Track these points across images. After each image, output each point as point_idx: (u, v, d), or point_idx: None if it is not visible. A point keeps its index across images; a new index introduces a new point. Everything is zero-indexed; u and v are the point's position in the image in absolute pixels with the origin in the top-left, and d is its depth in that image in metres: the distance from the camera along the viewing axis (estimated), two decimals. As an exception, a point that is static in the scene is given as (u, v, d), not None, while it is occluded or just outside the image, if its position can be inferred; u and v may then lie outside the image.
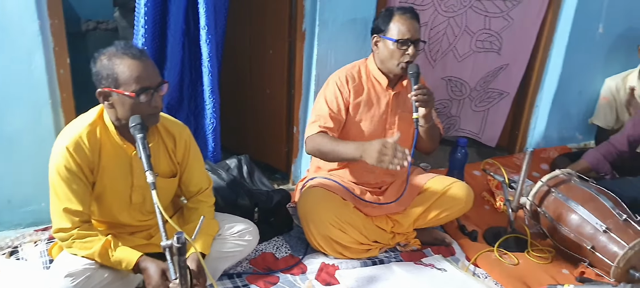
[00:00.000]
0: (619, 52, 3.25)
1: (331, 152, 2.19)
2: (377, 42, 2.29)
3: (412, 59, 2.22)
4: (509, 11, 3.07)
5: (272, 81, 2.92)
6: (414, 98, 2.17)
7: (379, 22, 2.27)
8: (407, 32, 2.20)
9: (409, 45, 2.20)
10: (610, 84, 3.16)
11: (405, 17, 2.21)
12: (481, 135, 3.48)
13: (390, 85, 2.34)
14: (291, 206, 2.57)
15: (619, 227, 2.17)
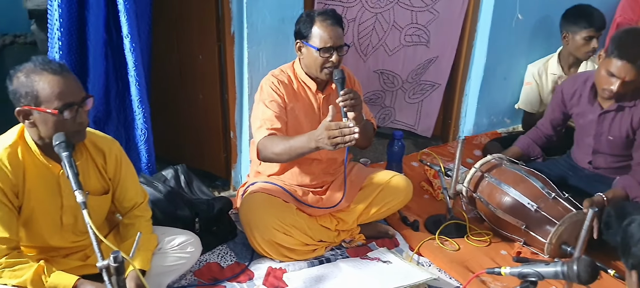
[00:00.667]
0: (538, 38, 3.42)
1: (285, 151, 2.12)
2: (300, 47, 2.27)
3: (336, 65, 2.21)
4: (434, 5, 3.16)
5: (204, 86, 2.86)
6: (341, 104, 2.15)
7: (300, 27, 2.24)
8: (329, 40, 2.18)
9: (332, 52, 2.20)
10: (533, 69, 3.32)
11: (327, 24, 2.18)
12: (417, 127, 3.57)
13: (319, 88, 2.34)
14: (233, 213, 2.53)
15: (549, 205, 2.28)
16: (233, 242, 2.42)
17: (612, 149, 2.51)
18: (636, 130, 2.40)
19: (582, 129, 2.60)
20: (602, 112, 2.46)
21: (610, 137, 2.47)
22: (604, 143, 2.51)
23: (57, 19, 2.09)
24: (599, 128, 2.49)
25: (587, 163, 2.63)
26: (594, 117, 2.49)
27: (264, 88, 2.29)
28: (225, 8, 2.57)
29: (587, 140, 2.57)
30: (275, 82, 2.28)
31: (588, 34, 2.98)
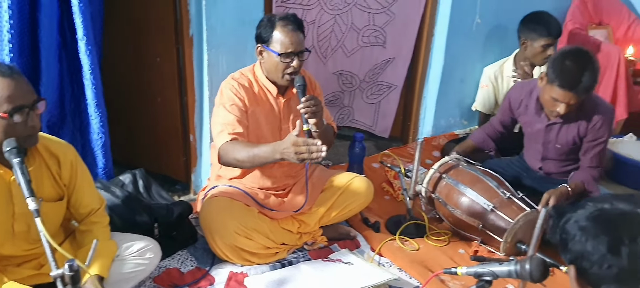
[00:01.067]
0: (493, 41, 3.52)
1: (249, 159, 2.10)
2: (261, 52, 2.26)
3: (296, 70, 2.22)
4: (390, 7, 3.21)
5: (162, 89, 2.81)
6: (302, 110, 2.15)
7: (261, 31, 2.23)
8: (290, 45, 2.18)
9: (293, 57, 2.20)
10: (489, 72, 3.41)
11: (288, 29, 2.18)
12: (375, 127, 3.62)
13: (279, 92, 2.33)
14: (194, 217, 2.49)
15: (504, 204, 2.35)
16: (193, 247, 2.39)
17: (560, 155, 2.61)
18: (583, 138, 2.50)
19: (530, 136, 2.69)
20: (549, 123, 2.53)
21: (558, 145, 2.57)
22: (552, 150, 2.61)
23: (7, 20, 2.01)
24: (546, 137, 2.58)
25: (538, 167, 2.72)
26: (541, 126, 2.57)
27: (224, 91, 2.27)
28: (184, 11, 2.54)
29: (536, 146, 2.66)
30: (235, 86, 2.26)
31: (546, 42, 3.07)
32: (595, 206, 1.14)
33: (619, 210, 1.11)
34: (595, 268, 1.09)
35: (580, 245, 1.11)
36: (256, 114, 2.30)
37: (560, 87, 2.29)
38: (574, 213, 1.16)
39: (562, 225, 1.18)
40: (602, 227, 1.10)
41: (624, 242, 1.06)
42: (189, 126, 2.80)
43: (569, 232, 1.15)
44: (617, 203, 1.13)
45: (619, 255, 1.06)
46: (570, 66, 2.27)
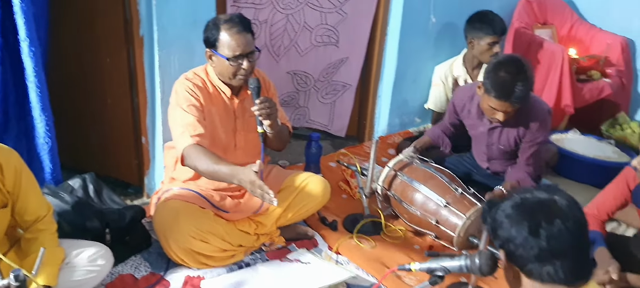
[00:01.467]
0: (445, 40, 3.60)
1: (209, 173, 2.09)
2: (210, 56, 2.23)
3: (247, 72, 2.20)
4: (342, 6, 3.24)
5: (112, 91, 2.74)
6: (256, 112, 2.14)
7: (208, 35, 2.19)
8: (237, 48, 2.15)
9: (243, 59, 2.18)
10: (440, 71, 3.49)
11: (234, 32, 2.14)
12: (331, 127, 3.64)
13: (234, 93, 2.32)
14: (147, 221, 2.44)
15: (457, 200, 2.41)
16: (147, 252, 2.34)
17: (504, 155, 2.71)
18: (522, 138, 2.60)
19: (475, 138, 2.79)
20: (491, 127, 2.62)
21: (501, 146, 2.66)
22: (495, 151, 2.71)
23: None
24: (489, 139, 2.67)
25: (485, 166, 2.81)
26: (484, 130, 2.67)
27: (179, 91, 2.23)
28: (133, 10, 2.48)
29: (481, 147, 2.76)
30: (190, 86, 2.23)
31: (492, 40, 3.18)
32: (519, 196, 1.31)
33: (537, 199, 1.29)
34: (520, 250, 1.25)
35: (507, 231, 1.27)
36: (212, 114, 2.28)
37: (496, 98, 2.38)
38: (501, 204, 1.33)
39: (493, 214, 1.34)
40: (524, 213, 1.26)
41: (542, 225, 1.23)
42: (141, 128, 2.74)
43: (497, 220, 1.31)
44: (537, 193, 1.30)
45: (538, 237, 1.23)
46: (504, 77, 2.35)
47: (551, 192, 1.30)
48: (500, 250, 1.31)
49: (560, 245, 1.23)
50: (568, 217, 1.24)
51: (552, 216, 1.24)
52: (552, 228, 1.23)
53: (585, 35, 4.05)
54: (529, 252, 1.24)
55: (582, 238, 1.27)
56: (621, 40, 3.86)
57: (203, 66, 2.34)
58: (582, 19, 4.14)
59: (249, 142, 2.40)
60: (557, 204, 1.26)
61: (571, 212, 1.26)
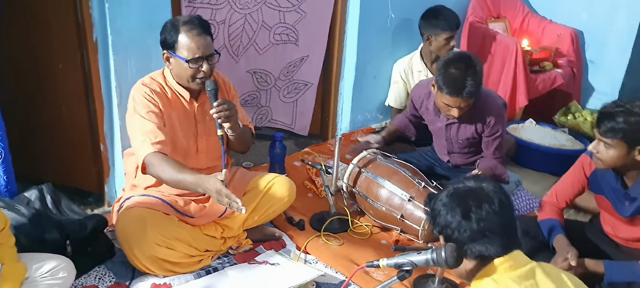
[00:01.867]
0: (402, 36, 3.64)
1: (173, 182, 2.07)
2: (168, 58, 2.19)
3: (207, 74, 2.17)
4: (300, 5, 3.24)
5: (67, 97, 2.66)
6: (215, 115, 2.12)
7: (165, 37, 2.15)
8: (197, 50, 2.11)
9: (202, 62, 2.15)
10: (399, 68, 3.54)
11: (194, 34, 2.11)
12: (294, 126, 3.63)
13: (193, 97, 2.28)
14: (110, 230, 2.38)
15: (420, 194, 2.45)
16: (111, 262, 2.29)
17: (463, 149, 2.78)
18: (481, 133, 2.67)
19: (435, 133, 2.85)
20: (448, 123, 2.69)
21: (459, 140, 2.73)
22: (455, 145, 2.78)
23: None
24: (448, 134, 2.74)
25: (446, 160, 2.88)
26: (441, 125, 2.73)
27: (136, 98, 2.18)
28: (86, 14, 2.41)
29: (441, 141, 2.82)
30: (148, 92, 2.18)
31: (448, 35, 3.25)
32: (452, 187, 1.50)
33: (467, 187, 1.48)
34: (456, 234, 1.44)
35: (443, 218, 1.46)
36: (172, 119, 2.24)
37: (448, 94, 2.44)
38: (438, 196, 1.50)
39: (432, 205, 1.51)
40: (457, 201, 1.45)
41: (472, 210, 1.41)
42: (99, 135, 2.67)
43: (436, 209, 1.49)
44: (467, 182, 1.49)
45: (470, 220, 1.42)
46: (455, 74, 2.41)
47: (479, 181, 1.49)
48: (440, 236, 1.50)
49: (489, 225, 1.40)
50: (494, 201, 1.42)
51: (481, 201, 1.42)
52: (480, 212, 1.41)
53: (536, 28, 4.18)
54: (464, 234, 1.42)
55: (508, 217, 1.45)
56: (571, 32, 4.01)
57: (160, 70, 2.29)
58: (533, 12, 4.27)
59: (211, 146, 2.37)
60: (484, 190, 1.45)
61: (497, 196, 1.44)
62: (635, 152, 1.94)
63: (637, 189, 2.01)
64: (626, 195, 2.06)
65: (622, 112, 1.92)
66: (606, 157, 1.98)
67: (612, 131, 1.93)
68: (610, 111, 1.95)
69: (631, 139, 1.92)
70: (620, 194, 2.08)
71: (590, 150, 2.05)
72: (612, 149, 1.96)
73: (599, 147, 2.00)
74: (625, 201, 2.08)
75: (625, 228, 2.15)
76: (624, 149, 1.94)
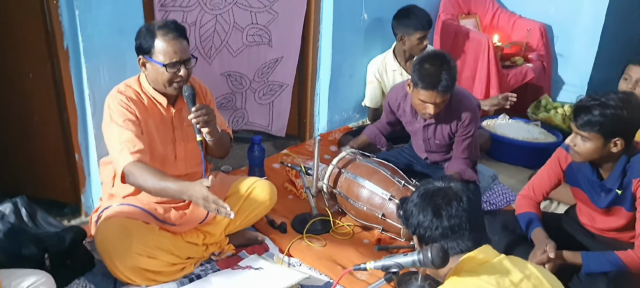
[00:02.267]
0: (376, 35, 3.67)
1: (155, 191, 2.05)
2: (144, 63, 2.16)
3: (185, 79, 2.15)
4: (272, 5, 3.22)
5: (39, 107, 2.60)
6: (193, 121, 2.11)
7: (141, 42, 2.12)
8: (174, 54, 2.09)
9: (180, 66, 2.13)
10: (373, 68, 3.56)
11: (170, 38, 2.09)
12: (270, 128, 3.62)
13: (170, 103, 2.26)
14: (89, 241, 2.34)
15: (400, 192, 2.47)
16: (91, 273, 2.25)
17: (441, 148, 2.82)
18: (455, 133, 2.71)
19: (412, 133, 2.88)
20: (426, 124, 2.72)
21: (437, 141, 2.77)
22: (432, 145, 2.81)
23: None
24: (425, 135, 2.77)
25: (424, 158, 2.91)
26: (419, 126, 2.76)
27: (112, 106, 2.14)
28: (55, 22, 2.36)
29: (419, 142, 2.85)
30: (124, 100, 2.14)
31: (421, 35, 3.29)
32: (422, 188, 1.56)
33: (436, 187, 1.55)
34: (429, 232, 1.50)
35: (416, 218, 1.52)
36: (149, 127, 2.21)
37: (423, 89, 2.47)
38: (410, 198, 1.57)
39: (404, 207, 1.58)
40: (427, 200, 1.51)
41: (442, 207, 1.49)
42: (73, 144, 2.61)
43: (408, 210, 1.55)
44: (436, 183, 1.56)
45: (441, 218, 1.48)
46: (429, 69, 2.45)
47: (446, 181, 1.57)
48: (413, 236, 1.56)
49: (458, 221, 1.47)
50: (461, 198, 1.49)
51: (450, 199, 1.49)
52: (450, 209, 1.48)
53: (506, 23, 4.26)
54: (435, 232, 1.49)
55: (476, 213, 1.52)
56: (540, 26, 4.10)
57: (135, 77, 2.26)
58: (503, 8, 4.35)
59: (189, 152, 2.34)
60: (452, 189, 1.53)
61: (464, 194, 1.51)
62: (611, 144, 1.98)
63: (613, 180, 2.06)
64: (602, 186, 2.11)
65: (598, 105, 1.95)
66: (583, 150, 2.03)
67: (589, 124, 1.96)
68: (586, 105, 1.99)
69: (607, 131, 1.95)
70: (597, 186, 2.14)
71: (567, 144, 2.09)
72: (589, 142, 2.00)
73: (576, 140, 2.04)
74: (601, 192, 2.13)
75: (601, 219, 2.21)
76: (601, 141, 1.98)
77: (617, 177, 2.04)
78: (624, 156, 2.03)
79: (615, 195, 2.07)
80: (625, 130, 1.97)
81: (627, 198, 2.05)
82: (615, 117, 1.93)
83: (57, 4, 2.33)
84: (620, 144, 1.97)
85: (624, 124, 1.95)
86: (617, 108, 1.93)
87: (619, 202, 2.09)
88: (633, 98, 2.00)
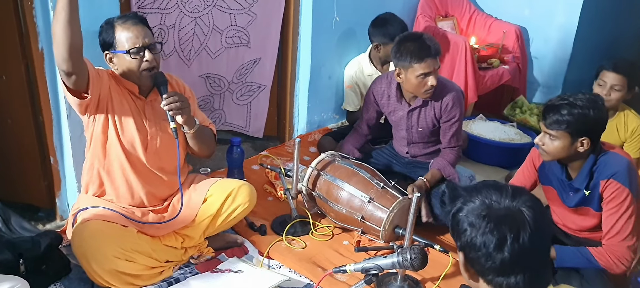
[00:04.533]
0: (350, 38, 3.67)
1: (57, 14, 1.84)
2: (111, 58, 2.15)
3: (152, 64, 2.14)
4: (251, 7, 3.22)
5: (12, 110, 2.55)
6: (166, 107, 2.11)
7: (104, 37, 2.13)
8: (137, 40, 2.09)
9: (143, 51, 2.12)
10: (350, 72, 3.58)
11: (129, 24, 2.10)
12: (248, 128, 3.61)
13: (141, 93, 2.24)
14: (65, 245, 2.30)
15: (379, 194, 2.49)
16: (68, 279, 2.21)
17: (422, 138, 2.84)
18: (439, 120, 2.74)
19: (395, 124, 2.89)
20: (410, 109, 2.75)
21: (420, 128, 2.79)
22: (415, 134, 2.83)
23: None
24: (408, 122, 2.79)
25: (405, 152, 2.93)
26: (403, 113, 2.78)
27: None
28: (30, 23, 2.32)
29: (401, 133, 2.87)
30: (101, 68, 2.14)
31: None
32: (484, 202, 1.24)
33: (504, 208, 1.22)
34: (482, 260, 1.22)
35: (470, 238, 1.22)
36: (123, 107, 2.18)
37: (420, 61, 2.51)
38: (465, 205, 1.25)
39: (455, 213, 1.27)
40: (490, 226, 1.20)
41: (508, 240, 1.18)
42: (48, 147, 2.57)
43: (461, 223, 1.25)
44: (503, 199, 1.23)
45: (502, 251, 1.19)
46: (416, 43, 2.53)
47: (515, 197, 1.23)
48: (459, 252, 1.28)
49: (523, 260, 1.20)
50: (533, 231, 1.19)
51: (519, 230, 1.19)
52: (516, 244, 1.18)
53: (483, 25, 4.32)
54: (492, 264, 1.21)
55: (545, 251, 1.26)
56: (515, 29, 4.17)
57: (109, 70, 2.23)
58: (480, 10, 4.41)
59: (163, 148, 2.31)
60: (523, 215, 1.21)
61: (536, 224, 1.20)
62: (578, 143, 2.04)
63: (580, 180, 2.12)
64: (570, 185, 2.17)
65: (567, 104, 2.02)
66: (551, 149, 2.08)
67: (557, 123, 2.02)
68: (555, 104, 2.05)
69: (574, 130, 2.02)
70: (565, 185, 2.20)
71: (536, 143, 2.15)
72: (556, 140, 2.06)
73: (544, 139, 2.10)
74: (569, 191, 2.19)
75: (571, 218, 2.26)
76: (568, 140, 2.04)
77: (584, 177, 2.10)
78: (592, 156, 2.09)
79: (583, 195, 2.13)
80: (592, 129, 2.03)
81: (595, 199, 2.12)
82: (582, 116, 1.99)
83: (32, 5, 2.30)
84: (586, 143, 2.03)
85: (590, 124, 2.01)
86: (584, 108, 1.99)
87: (587, 202, 2.15)
88: (599, 99, 2.07)
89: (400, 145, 2.95)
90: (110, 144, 2.22)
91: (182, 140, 2.31)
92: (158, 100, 2.22)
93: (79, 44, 1.91)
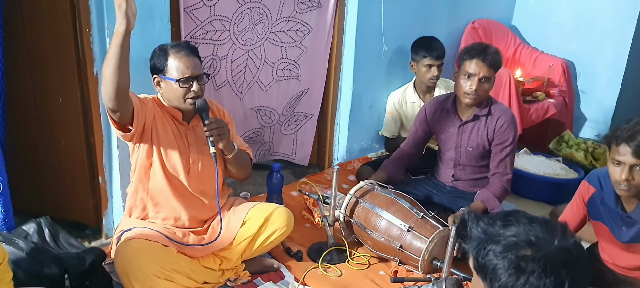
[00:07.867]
0: (397, 67, 3.70)
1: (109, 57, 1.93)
2: (159, 82, 2.24)
3: (198, 94, 2.21)
4: (301, 41, 3.29)
5: (66, 131, 2.67)
6: (206, 133, 2.18)
7: (155, 62, 2.21)
8: (186, 70, 2.17)
9: (192, 82, 2.20)
10: (393, 99, 3.59)
11: (182, 55, 2.18)
12: (294, 157, 3.66)
13: (185, 119, 2.32)
14: (108, 263, 2.37)
15: (419, 224, 2.46)
16: (109, 295, 2.28)
17: (470, 160, 2.80)
18: (491, 142, 2.71)
19: (443, 144, 2.87)
20: (462, 123, 2.74)
21: (469, 148, 2.76)
22: (463, 154, 2.79)
23: None
24: (458, 140, 2.77)
25: (451, 176, 2.89)
26: (454, 129, 2.77)
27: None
28: (87, 49, 2.45)
29: (449, 153, 2.84)
30: (146, 96, 2.25)
31: (428, 63, 3.34)
32: (537, 238, 1.10)
33: (562, 250, 1.09)
34: None
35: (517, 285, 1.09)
36: (166, 130, 2.26)
37: (471, 58, 2.59)
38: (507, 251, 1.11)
39: (484, 254, 1.14)
40: (549, 269, 1.08)
41: (565, 285, 1.07)
42: (97, 167, 2.67)
43: (489, 261, 1.12)
44: (556, 240, 1.10)
45: None
46: (477, 44, 2.65)
47: (564, 237, 1.11)
48: (484, 282, 1.15)
49: None
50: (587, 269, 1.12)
51: (575, 273, 1.09)
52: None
53: (528, 59, 4.27)
54: None
55: None
56: (562, 62, 4.09)
57: (154, 96, 2.32)
58: (525, 43, 4.36)
59: (204, 172, 2.37)
60: (581, 258, 1.11)
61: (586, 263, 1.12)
62: None
63: (638, 213, 2.01)
64: (625, 219, 2.05)
65: None
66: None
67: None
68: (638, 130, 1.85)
69: None
70: (619, 218, 2.08)
71: (619, 180, 1.92)
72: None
73: (634, 172, 1.88)
74: (623, 226, 2.08)
75: (623, 256, 2.15)
76: None
77: None
78: None
79: (638, 229, 2.03)
80: None
81: None
82: None
83: (90, 32, 2.43)
84: None
85: None
86: None
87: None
88: None
89: (446, 168, 2.90)
90: (154, 169, 2.29)
91: (221, 164, 2.37)
92: (200, 126, 2.30)
93: (126, 87, 2.01)
